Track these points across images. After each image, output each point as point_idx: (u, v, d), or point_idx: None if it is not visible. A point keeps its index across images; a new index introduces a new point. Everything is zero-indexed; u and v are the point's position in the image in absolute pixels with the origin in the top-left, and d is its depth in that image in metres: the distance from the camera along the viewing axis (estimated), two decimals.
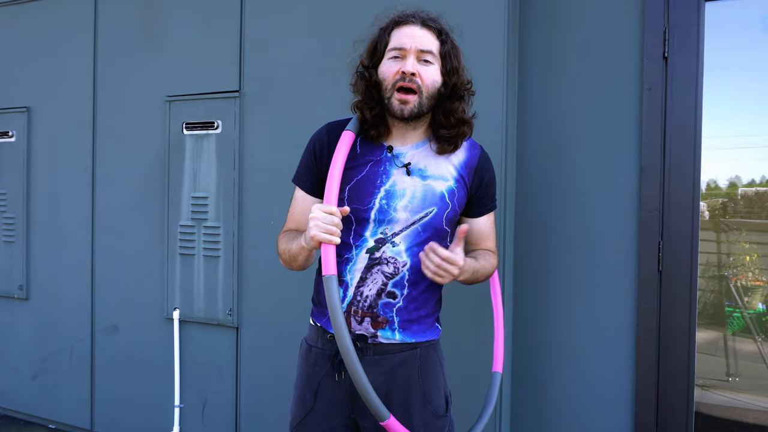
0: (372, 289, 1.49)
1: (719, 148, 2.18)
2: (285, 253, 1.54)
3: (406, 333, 1.52)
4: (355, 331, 1.50)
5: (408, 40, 1.46)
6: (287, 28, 2.55)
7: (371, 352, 1.51)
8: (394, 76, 1.46)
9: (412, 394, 1.52)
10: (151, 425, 2.88)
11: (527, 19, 2.28)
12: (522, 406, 2.31)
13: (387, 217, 1.48)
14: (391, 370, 1.51)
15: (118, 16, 2.97)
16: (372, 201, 1.48)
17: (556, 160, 2.26)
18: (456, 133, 1.52)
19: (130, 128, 2.94)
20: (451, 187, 1.53)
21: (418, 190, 1.50)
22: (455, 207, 1.53)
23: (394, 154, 1.52)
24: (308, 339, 1.62)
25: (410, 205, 1.49)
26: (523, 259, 2.30)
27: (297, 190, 1.61)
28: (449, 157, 1.55)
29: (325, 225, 1.33)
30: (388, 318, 1.50)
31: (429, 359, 1.56)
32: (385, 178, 1.50)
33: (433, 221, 1.50)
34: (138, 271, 2.92)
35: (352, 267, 1.50)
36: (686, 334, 2.09)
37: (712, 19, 2.09)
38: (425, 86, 1.46)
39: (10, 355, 3.34)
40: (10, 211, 3.29)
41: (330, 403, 1.54)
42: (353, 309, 1.50)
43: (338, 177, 1.39)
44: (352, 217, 1.49)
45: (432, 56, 1.47)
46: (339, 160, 1.41)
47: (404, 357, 1.52)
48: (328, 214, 1.34)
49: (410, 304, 1.52)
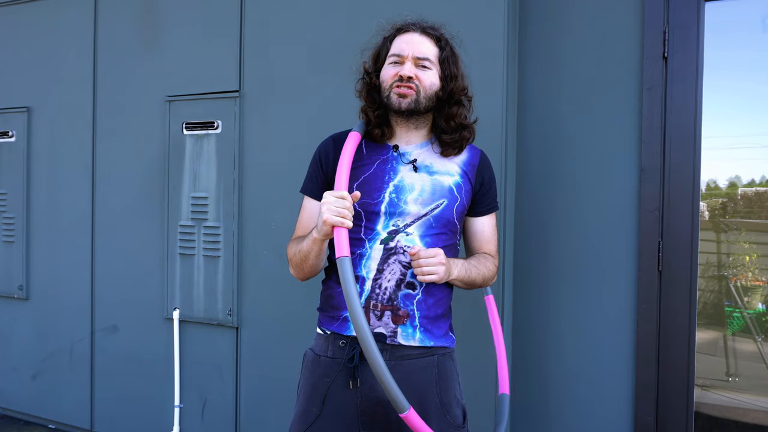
0: (391, 281, 1.48)
1: (719, 148, 2.18)
2: (296, 255, 1.52)
3: (426, 334, 1.50)
4: (374, 329, 1.46)
5: (406, 47, 1.51)
6: (287, 28, 2.55)
7: (388, 355, 1.46)
8: (392, 78, 1.50)
9: (429, 403, 1.48)
10: (151, 425, 2.88)
11: (527, 19, 2.28)
12: (522, 405, 2.31)
13: (398, 210, 1.49)
14: (407, 377, 1.46)
15: (118, 16, 2.97)
16: (381, 195, 1.50)
17: (556, 160, 2.26)
18: (458, 137, 1.55)
19: (130, 128, 2.94)
20: (458, 181, 1.55)
21: (426, 184, 1.52)
22: (463, 201, 1.55)
23: (400, 152, 1.54)
24: (315, 348, 1.55)
25: (420, 198, 1.50)
26: (523, 259, 2.30)
27: (305, 200, 1.61)
28: (452, 157, 1.58)
29: (336, 208, 1.33)
30: (409, 312, 1.48)
31: (446, 368, 1.53)
32: (393, 174, 1.52)
33: (444, 213, 1.51)
34: (138, 271, 2.91)
35: (367, 261, 1.49)
36: (686, 333, 2.09)
37: (712, 19, 2.09)
38: (423, 87, 1.49)
39: (10, 355, 3.33)
40: (10, 211, 3.29)
41: (336, 416, 1.48)
42: (372, 303, 1.47)
43: (347, 165, 1.41)
44: (362, 212, 1.49)
45: (429, 62, 1.51)
46: (347, 151, 1.43)
47: (421, 364, 1.49)
48: (339, 198, 1.35)
49: (429, 297, 1.50)
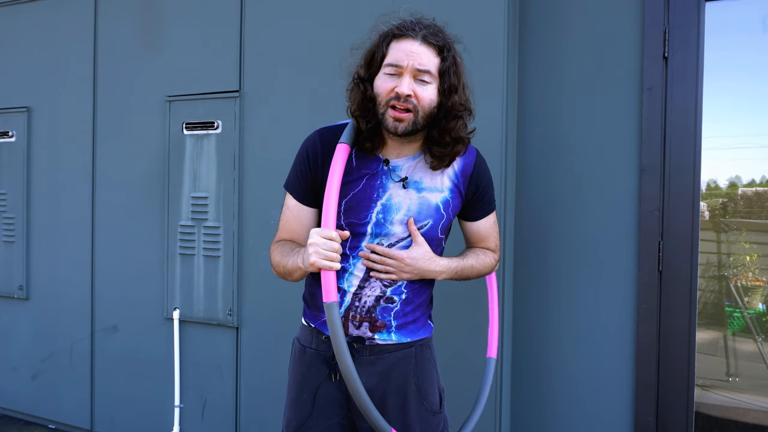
0: (371, 297, 1.49)
1: (719, 148, 2.18)
2: (279, 266, 1.51)
3: (402, 332, 1.53)
4: (352, 334, 1.50)
5: (405, 58, 1.38)
6: (287, 28, 2.55)
7: (367, 352, 1.51)
8: (388, 93, 1.39)
9: (408, 391, 1.53)
10: (151, 425, 2.88)
11: (527, 19, 2.28)
12: (522, 405, 2.31)
13: (383, 231, 1.48)
14: (387, 370, 1.52)
15: (118, 16, 2.97)
16: (369, 215, 1.48)
17: (556, 160, 2.25)
18: (449, 152, 1.47)
19: (130, 128, 2.93)
20: (446, 198, 1.52)
21: (413, 204, 1.49)
22: (449, 216, 1.54)
23: (391, 167, 1.50)
24: (301, 339, 1.60)
25: (406, 218, 1.49)
26: (523, 259, 2.30)
27: (289, 198, 1.56)
28: (444, 169, 1.52)
29: (325, 252, 1.32)
30: (386, 322, 1.51)
31: (423, 356, 1.57)
32: (381, 192, 1.48)
33: (427, 233, 1.51)
34: (138, 271, 2.91)
35: (350, 276, 1.50)
36: (686, 334, 2.09)
37: (712, 19, 2.09)
38: (421, 106, 1.39)
39: (10, 355, 3.33)
40: (10, 211, 3.29)
41: (327, 403, 1.53)
42: (351, 314, 1.50)
43: (335, 198, 1.35)
44: (349, 230, 1.48)
45: (429, 76, 1.39)
46: (335, 177, 1.36)
47: (399, 356, 1.53)
48: (328, 239, 1.33)
49: (407, 306, 1.52)
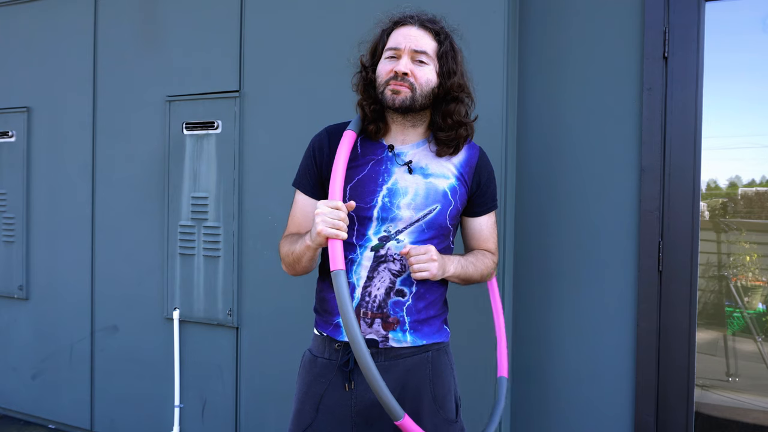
0: (380, 289, 1.47)
1: (719, 148, 2.18)
2: (288, 255, 1.51)
3: (417, 334, 1.50)
4: (365, 335, 1.46)
5: (403, 40, 1.46)
6: (287, 28, 2.55)
7: (382, 357, 1.47)
8: (387, 74, 1.46)
9: (423, 399, 1.49)
10: (151, 425, 2.88)
11: (527, 19, 2.28)
12: (522, 405, 2.31)
13: (390, 215, 1.47)
14: (402, 376, 1.48)
15: (118, 16, 2.97)
16: (374, 199, 1.47)
17: (556, 159, 2.26)
18: (454, 135, 1.50)
19: (130, 128, 2.93)
20: (453, 184, 1.52)
21: (420, 188, 1.49)
22: (457, 204, 1.53)
23: (395, 152, 1.51)
24: (312, 349, 1.57)
25: (413, 203, 1.48)
26: (524, 258, 2.30)
27: (297, 194, 1.59)
28: (449, 157, 1.54)
29: (331, 220, 1.32)
30: (398, 318, 1.48)
31: (440, 362, 1.54)
32: (386, 177, 1.49)
33: (436, 218, 1.49)
34: (138, 271, 2.91)
35: (358, 268, 1.48)
36: (686, 333, 2.09)
37: (712, 19, 2.09)
38: (419, 84, 1.45)
39: (10, 355, 3.33)
40: (10, 211, 3.29)
41: (331, 416, 1.49)
42: (362, 311, 1.47)
43: (342, 173, 1.38)
44: (355, 216, 1.47)
45: (427, 57, 1.46)
46: (342, 157, 1.40)
47: (415, 361, 1.50)
48: (334, 209, 1.33)
49: (419, 302, 1.50)
